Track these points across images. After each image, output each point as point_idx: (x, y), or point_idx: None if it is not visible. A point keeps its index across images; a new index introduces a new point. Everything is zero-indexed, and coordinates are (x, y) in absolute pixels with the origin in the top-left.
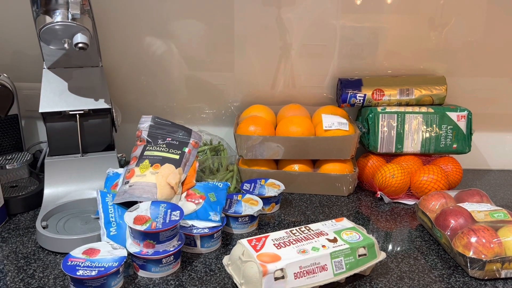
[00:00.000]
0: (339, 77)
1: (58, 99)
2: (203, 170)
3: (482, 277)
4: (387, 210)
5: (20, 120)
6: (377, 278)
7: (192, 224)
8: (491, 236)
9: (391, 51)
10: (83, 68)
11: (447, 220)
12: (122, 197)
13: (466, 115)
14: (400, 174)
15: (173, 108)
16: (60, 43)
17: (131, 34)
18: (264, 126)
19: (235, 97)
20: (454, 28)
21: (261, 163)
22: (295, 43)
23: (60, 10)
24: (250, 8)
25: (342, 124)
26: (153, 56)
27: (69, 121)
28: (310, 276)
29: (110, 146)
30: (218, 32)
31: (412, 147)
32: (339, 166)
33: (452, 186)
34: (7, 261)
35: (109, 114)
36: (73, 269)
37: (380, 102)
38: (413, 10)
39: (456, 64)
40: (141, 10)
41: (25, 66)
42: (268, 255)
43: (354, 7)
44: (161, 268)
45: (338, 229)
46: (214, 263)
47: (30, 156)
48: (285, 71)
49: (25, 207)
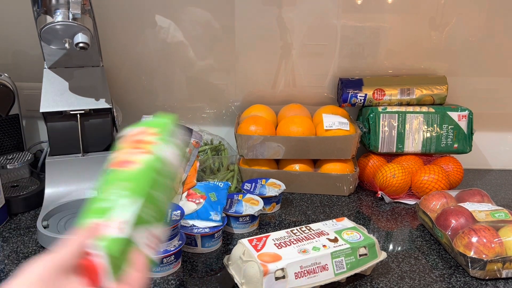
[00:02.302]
0: (340, 77)
1: (59, 99)
2: (203, 170)
3: (483, 277)
4: (388, 210)
5: (21, 120)
6: (378, 278)
7: (193, 223)
8: (492, 236)
9: (392, 51)
10: (84, 68)
11: (448, 220)
12: None
13: (467, 114)
14: (401, 173)
15: (174, 108)
16: (61, 43)
17: (132, 33)
18: (265, 125)
19: (235, 97)
20: (455, 28)
21: (262, 163)
22: (296, 42)
23: (60, 10)
24: (251, 8)
25: (342, 124)
26: (154, 56)
27: (70, 121)
28: (310, 276)
29: (111, 146)
30: (219, 31)
31: (413, 146)
32: (339, 166)
33: (453, 186)
34: (8, 261)
35: (110, 113)
36: None
37: (381, 102)
38: (414, 10)
39: (457, 63)
40: (141, 10)
41: (26, 65)
42: (269, 255)
43: (355, 7)
44: (161, 268)
45: (339, 229)
46: (215, 263)
47: (31, 155)
48: (286, 70)
49: (26, 206)
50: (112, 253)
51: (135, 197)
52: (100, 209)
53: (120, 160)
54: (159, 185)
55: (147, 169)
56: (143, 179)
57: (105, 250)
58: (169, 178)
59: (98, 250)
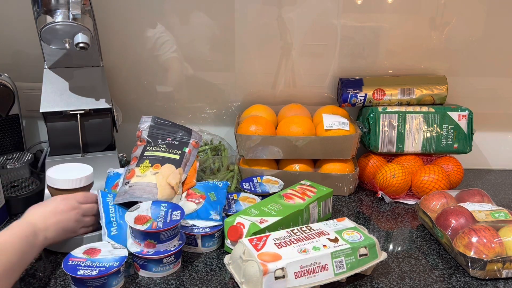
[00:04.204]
0: (340, 77)
1: (59, 99)
2: (203, 170)
3: (483, 277)
4: (388, 210)
5: (21, 120)
6: (378, 278)
7: (193, 223)
8: (492, 236)
9: (392, 51)
10: (84, 68)
11: (448, 220)
12: (123, 197)
13: (467, 114)
14: (401, 174)
15: (173, 108)
16: (61, 43)
17: (132, 33)
18: (265, 126)
19: (235, 97)
20: (455, 28)
21: (262, 163)
22: (296, 42)
23: (61, 10)
24: (251, 8)
25: (343, 124)
26: (154, 56)
27: (70, 121)
28: (310, 275)
29: (111, 146)
30: (219, 31)
31: (413, 146)
32: (340, 166)
33: (453, 186)
34: None
35: (110, 113)
36: (74, 268)
37: (381, 102)
38: (414, 10)
39: (457, 63)
40: (142, 10)
41: (26, 66)
42: (269, 254)
43: (355, 7)
44: (162, 268)
45: (339, 229)
46: (215, 263)
47: (31, 155)
48: (286, 70)
49: (26, 206)
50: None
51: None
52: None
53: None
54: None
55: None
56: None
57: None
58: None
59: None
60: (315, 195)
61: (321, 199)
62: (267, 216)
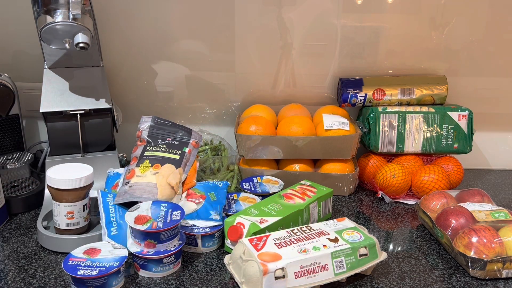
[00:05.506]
0: (340, 77)
1: (59, 99)
2: (203, 170)
3: (483, 277)
4: (388, 210)
5: (21, 120)
6: (378, 278)
7: (193, 223)
8: (492, 236)
9: (392, 51)
10: (84, 68)
11: (448, 220)
12: (123, 197)
13: (467, 114)
14: (401, 174)
15: (173, 108)
16: (61, 43)
17: (132, 34)
18: (265, 126)
19: (235, 97)
20: (455, 28)
21: (262, 163)
22: (296, 42)
23: (61, 10)
24: (251, 8)
25: (343, 124)
26: (154, 56)
27: (70, 121)
28: (310, 275)
29: (111, 146)
30: (218, 31)
31: (413, 146)
32: (340, 166)
33: (453, 186)
34: (8, 261)
35: (110, 113)
36: (74, 268)
37: (381, 102)
38: (414, 10)
39: (457, 63)
40: (141, 9)
41: (26, 66)
42: (269, 254)
43: (355, 7)
44: (162, 268)
45: (340, 229)
46: (215, 263)
47: (31, 155)
48: (286, 70)
49: (26, 206)
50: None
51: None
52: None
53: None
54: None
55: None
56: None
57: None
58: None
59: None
60: (315, 195)
61: (321, 199)
62: (267, 216)
